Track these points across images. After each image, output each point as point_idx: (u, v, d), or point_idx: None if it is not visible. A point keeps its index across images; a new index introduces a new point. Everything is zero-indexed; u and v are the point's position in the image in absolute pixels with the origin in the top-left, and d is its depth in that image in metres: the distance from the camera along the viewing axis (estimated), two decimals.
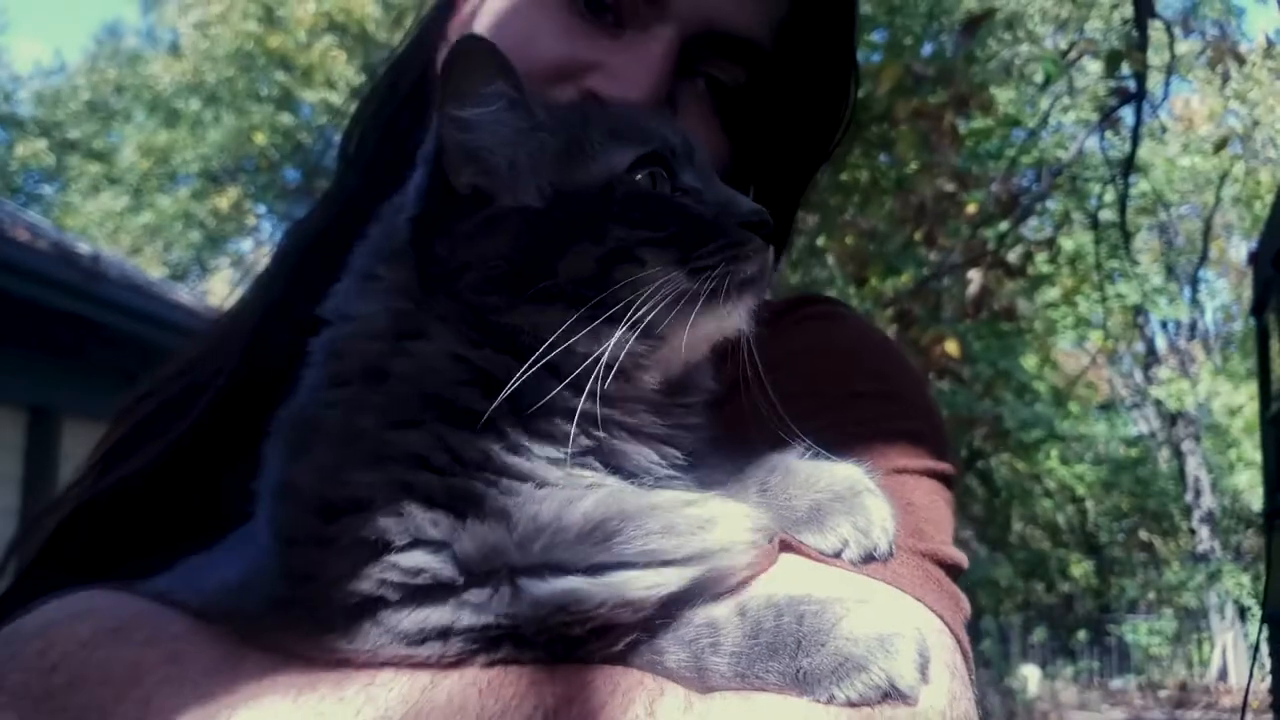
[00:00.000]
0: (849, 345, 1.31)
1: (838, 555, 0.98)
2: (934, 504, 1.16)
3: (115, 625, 0.93)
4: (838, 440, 1.05)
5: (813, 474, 1.01)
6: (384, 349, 0.92)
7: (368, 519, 0.86)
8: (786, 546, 0.97)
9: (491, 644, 0.86)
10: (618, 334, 0.90)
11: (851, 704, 0.83)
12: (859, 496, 1.00)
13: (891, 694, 0.83)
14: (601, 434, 0.93)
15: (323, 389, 0.94)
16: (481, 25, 1.40)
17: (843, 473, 1.02)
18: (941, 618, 1.01)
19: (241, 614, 0.91)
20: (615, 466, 0.94)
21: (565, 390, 0.90)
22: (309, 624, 0.87)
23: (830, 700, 0.83)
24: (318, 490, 0.88)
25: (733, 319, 0.98)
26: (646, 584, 0.86)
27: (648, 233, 0.94)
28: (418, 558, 0.85)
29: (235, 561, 0.95)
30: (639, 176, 0.99)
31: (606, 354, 0.90)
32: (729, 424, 1.04)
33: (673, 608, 0.87)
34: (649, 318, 0.91)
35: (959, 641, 1.01)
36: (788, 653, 0.85)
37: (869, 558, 0.99)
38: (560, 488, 0.89)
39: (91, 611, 0.96)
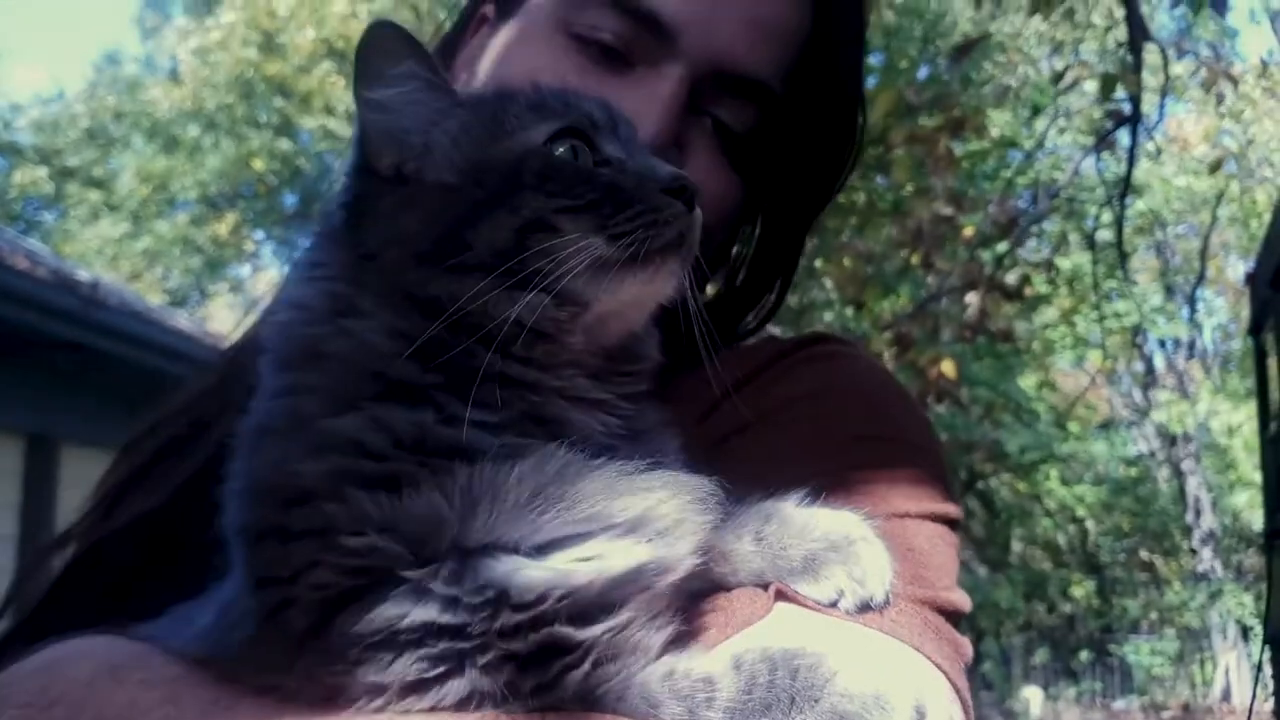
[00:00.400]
0: (853, 386, 1.31)
1: (833, 605, 0.98)
2: (935, 548, 1.15)
3: (114, 665, 0.95)
4: (839, 483, 1.06)
5: (808, 523, 1.00)
6: (321, 331, 0.95)
7: (316, 509, 0.88)
8: (782, 596, 0.97)
9: (457, 662, 0.86)
10: (528, 296, 0.92)
11: None
12: (854, 545, 1.00)
13: None
14: (536, 398, 0.96)
15: (271, 376, 0.98)
16: (491, 60, 1.42)
17: (838, 521, 1.01)
18: (940, 667, 1.00)
19: (220, 658, 0.92)
20: (555, 435, 0.95)
21: (492, 355, 0.92)
22: (282, 654, 0.88)
23: None
24: (271, 483, 0.91)
25: (658, 284, 1.00)
26: (589, 566, 0.87)
27: (564, 201, 0.97)
28: (366, 540, 0.86)
29: (210, 608, 0.97)
30: (560, 150, 1.01)
31: (523, 316, 0.92)
32: (726, 468, 1.03)
33: (617, 608, 0.88)
34: (564, 282, 0.94)
35: (958, 691, 1.01)
36: (781, 709, 0.84)
37: (865, 607, 0.98)
38: (496, 457, 0.90)
39: (92, 652, 0.97)
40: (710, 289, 1.58)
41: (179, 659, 0.95)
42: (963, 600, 1.12)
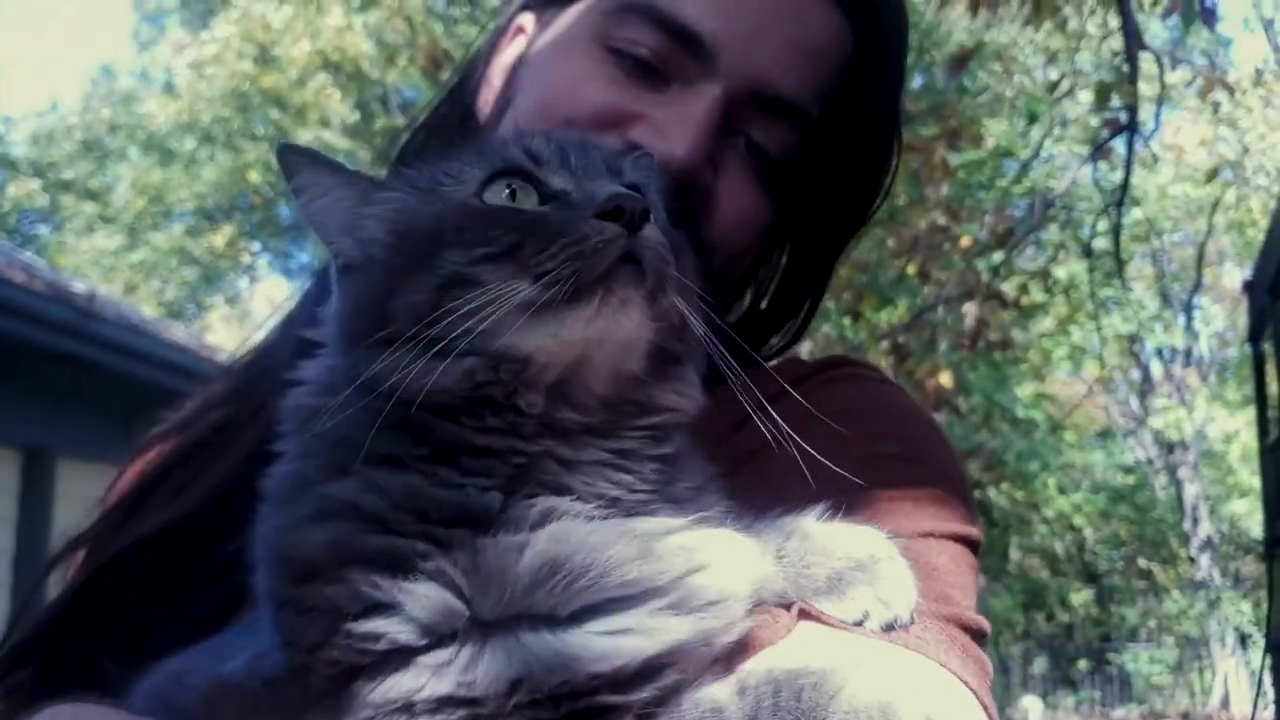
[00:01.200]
0: (876, 407, 1.31)
1: (859, 625, 0.96)
2: (959, 569, 1.15)
3: None
4: (863, 501, 1.05)
5: (831, 540, 0.98)
6: (319, 403, 0.93)
7: (322, 585, 0.85)
8: (806, 615, 0.95)
9: None
10: (445, 364, 0.87)
11: None
12: (880, 565, 0.98)
13: None
14: (522, 461, 0.90)
15: (284, 444, 0.97)
16: (530, 69, 1.42)
17: (863, 539, 0.99)
18: (967, 684, 0.99)
19: (244, 692, 0.91)
20: (565, 495, 0.91)
21: (452, 426, 0.89)
22: (301, 703, 0.86)
23: None
24: (282, 554, 0.89)
25: (608, 319, 0.89)
26: (627, 644, 0.83)
27: (483, 250, 0.91)
28: (374, 624, 0.83)
29: (243, 650, 0.96)
30: (502, 194, 0.96)
31: (450, 384, 0.88)
32: (750, 484, 1.02)
33: (664, 673, 0.84)
34: (486, 339, 0.88)
35: (985, 708, 0.99)
36: None
37: (890, 627, 0.97)
38: (504, 527, 0.86)
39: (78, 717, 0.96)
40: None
41: None
42: (984, 622, 1.12)
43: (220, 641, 1.02)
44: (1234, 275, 25.32)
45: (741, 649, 0.91)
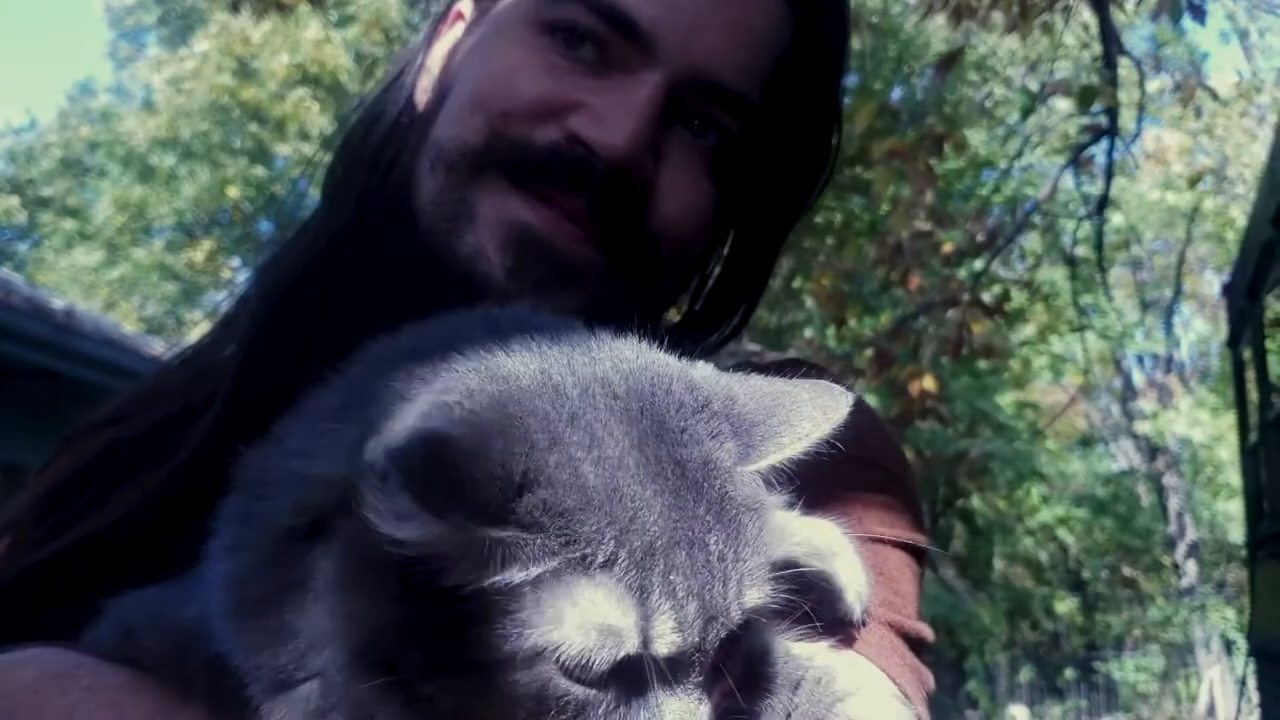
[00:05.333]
0: None
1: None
2: (904, 576, 1.14)
3: (59, 672, 0.92)
4: (814, 499, 1.01)
5: (788, 525, 0.94)
6: None
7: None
8: None
9: None
10: None
11: None
12: (837, 558, 0.96)
13: None
14: None
15: None
16: (464, 57, 1.39)
17: (821, 530, 0.98)
18: (903, 691, 0.98)
19: (185, 662, 0.90)
20: None
21: None
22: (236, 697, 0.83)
23: None
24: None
25: None
26: None
27: None
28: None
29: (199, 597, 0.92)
30: None
31: None
32: None
33: None
34: None
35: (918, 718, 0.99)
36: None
37: (841, 622, 0.95)
38: None
39: (38, 659, 0.95)
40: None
41: (125, 670, 0.93)
42: (926, 631, 1.11)
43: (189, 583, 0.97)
44: (1213, 284, 25.51)
45: None
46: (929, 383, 8.65)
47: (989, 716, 25.30)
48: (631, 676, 0.74)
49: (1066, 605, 28.92)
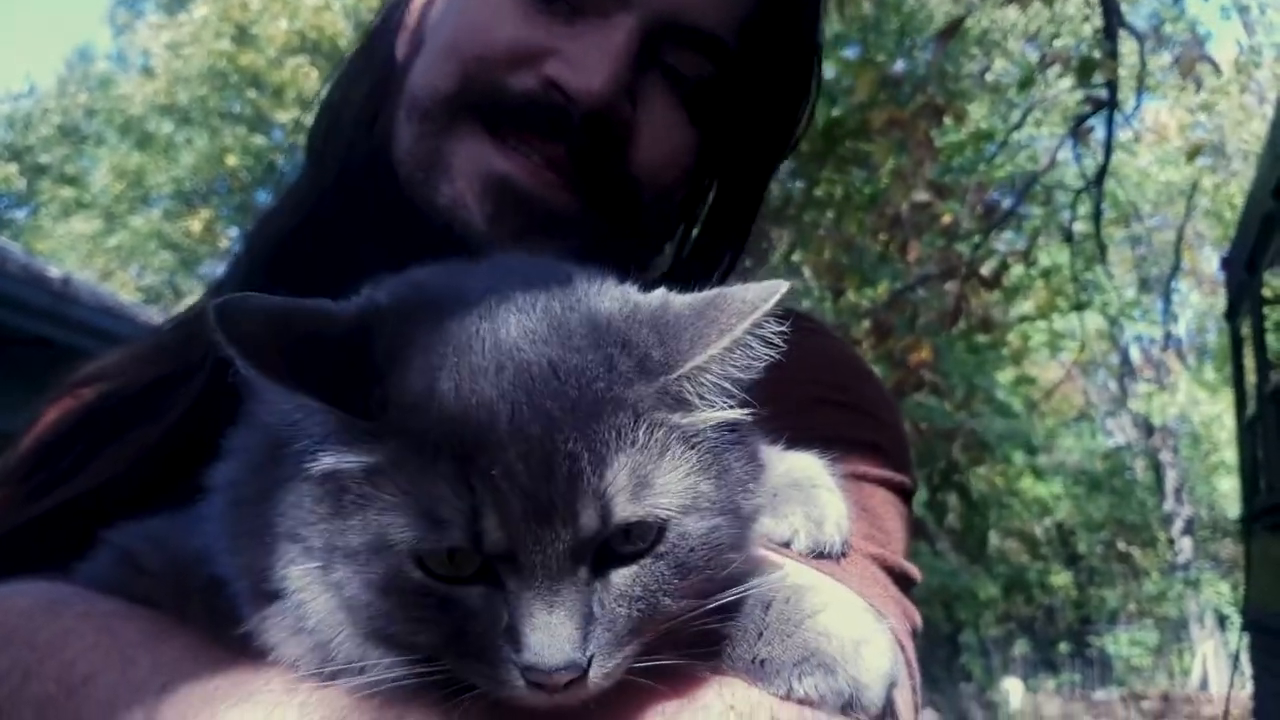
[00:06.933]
0: (815, 356, 1.28)
1: (787, 545, 0.95)
2: (888, 513, 1.15)
3: (52, 600, 0.94)
4: (799, 442, 1.03)
5: (771, 458, 0.96)
6: None
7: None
8: None
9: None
10: None
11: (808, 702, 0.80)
12: (816, 489, 0.98)
13: (853, 705, 0.79)
14: None
15: None
16: (440, 8, 1.38)
17: (802, 462, 1.00)
18: (879, 613, 0.98)
19: (183, 584, 0.91)
20: None
21: None
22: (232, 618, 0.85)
23: (788, 695, 0.80)
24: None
25: None
26: None
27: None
28: None
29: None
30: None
31: None
32: None
33: None
34: None
35: (902, 649, 0.98)
36: (748, 639, 0.82)
37: (819, 552, 0.96)
38: None
39: (33, 589, 0.96)
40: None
41: (117, 599, 0.94)
42: (912, 569, 1.12)
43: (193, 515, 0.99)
44: (1211, 260, 25.46)
45: None
46: (925, 352, 8.65)
47: (984, 689, 25.43)
48: (492, 577, 0.75)
49: (1062, 579, 29.02)
